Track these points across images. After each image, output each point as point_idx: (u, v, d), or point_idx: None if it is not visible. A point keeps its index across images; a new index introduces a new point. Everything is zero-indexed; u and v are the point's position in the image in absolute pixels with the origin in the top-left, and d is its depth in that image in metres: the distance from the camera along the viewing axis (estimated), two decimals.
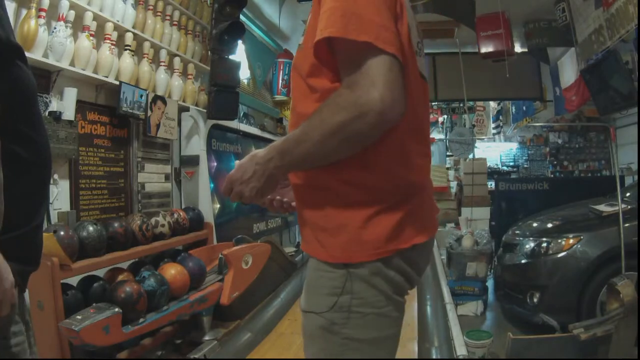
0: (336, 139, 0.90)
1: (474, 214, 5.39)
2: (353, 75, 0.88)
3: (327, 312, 0.98)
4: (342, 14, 0.88)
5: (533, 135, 11.75)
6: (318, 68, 0.97)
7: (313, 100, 0.98)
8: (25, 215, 0.90)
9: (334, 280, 0.99)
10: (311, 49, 0.94)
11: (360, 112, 0.86)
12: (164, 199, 3.55)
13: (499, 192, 5.07)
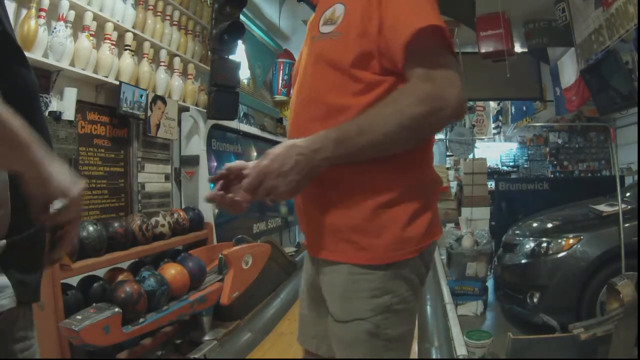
0: (411, 129, 0.89)
1: (474, 214, 5.39)
2: (432, 71, 0.89)
3: (372, 317, 0.96)
4: (433, 8, 0.93)
5: (533, 135, 11.75)
6: (366, 59, 0.94)
7: (353, 91, 0.96)
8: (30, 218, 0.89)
9: (372, 282, 0.96)
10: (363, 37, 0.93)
11: (441, 106, 0.88)
12: (164, 199, 3.55)
13: (499, 192, 5.08)
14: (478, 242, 4.19)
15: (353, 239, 0.97)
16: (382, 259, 0.96)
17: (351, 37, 0.95)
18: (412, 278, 1.00)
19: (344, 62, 0.96)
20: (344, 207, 0.98)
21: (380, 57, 0.94)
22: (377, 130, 0.89)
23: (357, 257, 0.97)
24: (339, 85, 0.97)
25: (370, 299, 0.96)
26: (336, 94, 0.97)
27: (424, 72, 0.90)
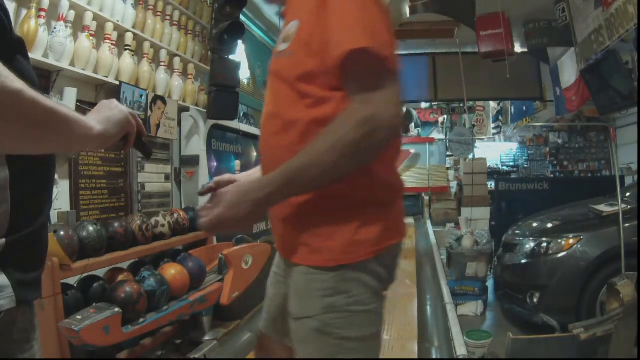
0: (351, 156, 0.92)
1: (474, 214, 5.39)
2: (367, 93, 0.91)
3: (320, 315, 1.00)
4: (366, 27, 0.91)
5: (533, 135, 11.75)
6: (312, 75, 0.98)
7: (304, 105, 1.00)
8: (32, 215, 0.88)
9: (326, 282, 1.01)
10: (309, 55, 0.97)
11: (375, 127, 0.90)
12: (164, 199, 3.55)
13: (499, 192, 5.07)
14: (478, 242, 4.19)
15: (308, 242, 1.02)
16: (334, 261, 1.00)
17: (301, 54, 0.99)
18: (369, 281, 1.03)
19: (292, 77, 1.00)
20: (300, 213, 1.03)
21: (326, 74, 0.96)
22: (319, 164, 0.92)
23: (311, 259, 1.02)
24: (291, 100, 1.01)
25: (321, 298, 1.01)
26: (289, 109, 1.02)
27: (360, 95, 0.91)
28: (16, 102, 0.67)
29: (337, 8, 0.93)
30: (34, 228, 0.87)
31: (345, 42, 0.90)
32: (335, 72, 0.95)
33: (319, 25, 0.95)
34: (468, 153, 7.06)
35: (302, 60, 0.98)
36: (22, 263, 0.85)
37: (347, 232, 1.01)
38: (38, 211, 0.90)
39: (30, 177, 0.86)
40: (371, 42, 0.90)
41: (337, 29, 0.92)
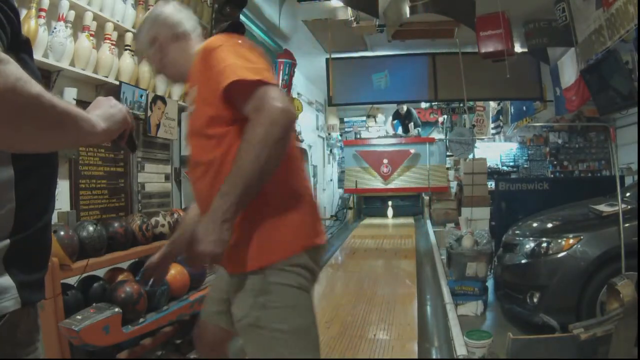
0: (265, 155, 1.13)
1: (474, 214, 5.39)
2: (257, 102, 1.16)
3: (252, 312, 1.24)
4: (241, 66, 1.20)
5: (533, 135, 11.75)
6: (212, 119, 1.26)
7: (212, 146, 1.27)
8: (36, 214, 0.88)
9: (252, 284, 1.25)
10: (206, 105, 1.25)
11: (273, 119, 1.13)
12: (164, 199, 3.55)
13: (499, 192, 5.07)
14: (478, 242, 4.19)
15: (234, 253, 1.25)
16: (252, 266, 1.24)
17: (201, 107, 1.29)
18: (289, 282, 1.25)
19: (201, 128, 1.29)
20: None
21: (222, 112, 1.24)
22: (246, 172, 1.14)
23: (237, 267, 1.28)
24: (204, 147, 1.29)
25: (250, 298, 1.25)
26: (206, 154, 1.29)
27: (252, 106, 1.16)
28: (36, 106, 0.70)
29: (215, 63, 1.23)
30: (38, 228, 0.87)
31: (224, 79, 1.18)
32: (226, 109, 1.23)
33: (207, 81, 1.24)
34: (468, 153, 7.06)
35: (202, 111, 1.28)
36: (26, 263, 0.85)
37: (260, 240, 1.25)
38: (42, 211, 0.90)
39: (34, 177, 0.86)
40: (241, 73, 1.17)
41: (218, 73, 1.21)
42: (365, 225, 9.00)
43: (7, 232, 0.80)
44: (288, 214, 1.27)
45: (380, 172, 9.00)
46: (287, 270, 1.25)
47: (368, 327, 3.32)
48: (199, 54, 1.31)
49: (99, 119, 0.89)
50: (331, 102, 7.21)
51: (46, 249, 0.93)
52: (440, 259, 5.16)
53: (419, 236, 7.36)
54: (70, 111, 0.79)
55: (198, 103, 1.30)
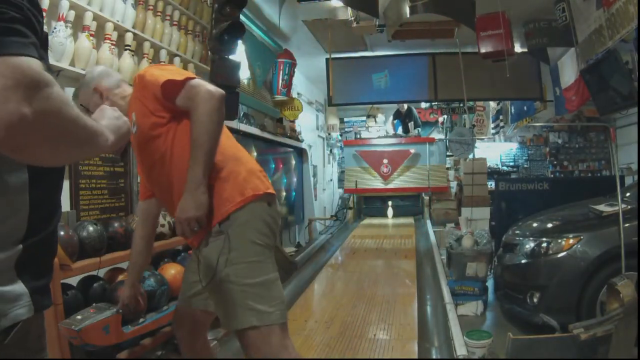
0: (212, 118, 1.45)
1: (474, 214, 5.39)
2: (189, 92, 1.48)
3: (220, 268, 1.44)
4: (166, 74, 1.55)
5: (533, 135, 11.75)
6: (155, 123, 1.57)
7: (160, 143, 1.57)
8: (46, 218, 0.87)
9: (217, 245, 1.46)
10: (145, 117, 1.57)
11: (207, 97, 1.45)
12: None
13: (499, 192, 5.07)
14: (478, 242, 4.19)
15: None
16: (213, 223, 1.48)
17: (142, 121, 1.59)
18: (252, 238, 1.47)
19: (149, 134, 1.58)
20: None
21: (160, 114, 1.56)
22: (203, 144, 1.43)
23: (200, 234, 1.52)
24: (152, 148, 1.60)
25: (217, 257, 1.44)
26: (155, 152, 1.59)
27: (185, 97, 1.49)
28: (74, 127, 0.75)
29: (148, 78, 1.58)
30: (48, 232, 0.87)
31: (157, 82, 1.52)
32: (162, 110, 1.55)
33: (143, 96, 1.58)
34: (468, 153, 7.06)
35: (144, 123, 1.58)
36: (36, 269, 0.84)
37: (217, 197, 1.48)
38: (52, 215, 0.89)
39: (45, 181, 0.85)
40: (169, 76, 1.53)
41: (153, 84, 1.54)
42: (365, 225, 9.00)
43: (20, 237, 0.79)
44: (232, 174, 1.53)
45: (380, 172, 9.00)
46: (246, 226, 1.47)
47: (368, 327, 3.31)
48: (134, 84, 1.65)
49: (109, 131, 0.91)
50: (331, 102, 7.21)
51: (53, 252, 0.93)
52: (440, 259, 5.16)
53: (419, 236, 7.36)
54: (95, 129, 0.83)
55: (139, 119, 1.59)
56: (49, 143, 0.72)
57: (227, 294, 1.44)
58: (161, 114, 1.55)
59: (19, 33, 0.69)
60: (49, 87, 0.68)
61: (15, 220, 0.78)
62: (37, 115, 0.66)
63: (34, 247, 0.82)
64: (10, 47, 0.66)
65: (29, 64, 0.67)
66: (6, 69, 0.65)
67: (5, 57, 0.65)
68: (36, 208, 0.81)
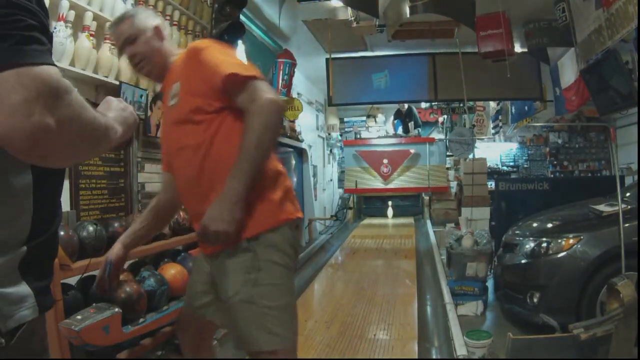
0: (267, 135, 1.34)
1: (474, 214, 5.39)
2: (252, 95, 1.36)
3: (243, 288, 1.35)
4: (233, 63, 1.41)
5: (533, 135, 11.75)
6: (201, 107, 1.42)
7: (200, 131, 1.43)
8: (49, 220, 0.87)
9: (243, 262, 1.37)
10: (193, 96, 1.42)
11: (268, 108, 1.34)
12: None
13: (499, 192, 5.07)
14: (478, 242, 4.19)
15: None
16: (239, 239, 1.36)
17: (186, 99, 1.45)
18: (277, 260, 1.39)
19: (188, 116, 1.44)
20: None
21: (210, 102, 1.41)
22: (252, 155, 1.32)
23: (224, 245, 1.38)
24: (192, 132, 1.44)
25: (241, 275, 1.36)
26: (195, 138, 1.43)
27: (246, 99, 1.36)
28: (92, 128, 0.77)
29: (209, 58, 1.42)
30: (51, 233, 0.87)
31: (222, 71, 1.37)
32: (215, 99, 1.41)
33: (197, 75, 1.42)
34: (468, 153, 7.05)
35: (189, 102, 1.43)
36: (39, 270, 0.84)
37: (250, 213, 1.37)
38: (54, 216, 0.89)
39: (48, 182, 0.85)
40: (234, 69, 1.37)
41: (214, 68, 1.39)
42: (365, 225, 9.00)
43: (24, 238, 0.79)
44: (269, 191, 1.43)
45: (380, 172, 9.00)
46: (275, 248, 1.39)
47: (368, 327, 3.32)
48: (188, 53, 1.49)
49: (117, 123, 0.92)
50: (331, 102, 7.21)
51: (55, 253, 0.93)
52: (440, 259, 5.16)
53: (419, 236, 7.36)
54: (106, 125, 0.84)
55: (184, 95, 1.45)
56: (70, 147, 0.73)
57: (246, 314, 1.36)
58: (211, 101, 1.41)
59: (37, 41, 0.69)
60: (69, 93, 0.69)
61: (19, 222, 0.78)
62: (59, 124, 0.67)
63: (37, 248, 0.82)
64: (30, 57, 0.66)
65: (48, 72, 0.67)
66: (27, 80, 0.65)
67: (26, 67, 0.65)
68: (39, 210, 0.81)
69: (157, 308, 2.36)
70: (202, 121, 1.42)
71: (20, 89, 0.64)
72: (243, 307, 1.35)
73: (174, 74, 1.51)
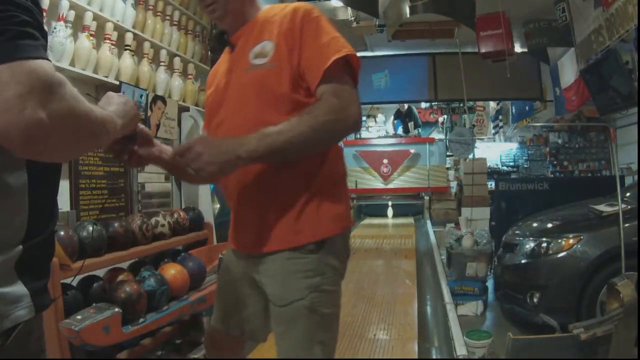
0: (320, 132, 1.13)
1: (474, 214, 5.39)
2: (339, 90, 1.16)
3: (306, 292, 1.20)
4: (342, 43, 1.20)
5: (533, 135, 11.75)
6: (296, 84, 1.20)
7: (286, 111, 1.18)
8: (46, 219, 0.87)
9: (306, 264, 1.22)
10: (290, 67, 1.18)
11: (345, 117, 1.16)
12: (164, 199, 3.55)
13: (499, 192, 5.07)
14: (478, 242, 4.18)
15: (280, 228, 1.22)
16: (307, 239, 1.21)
17: (283, 67, 1.19)
18: (338, 267, 1.28)
19: (282, 87, 1.19)
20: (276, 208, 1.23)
21: (302, 82, 1.20)
22: (293, 131, 1.10)
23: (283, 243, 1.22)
24: (274, 106, 1.19)
25: (304, 279, 1.21)
26: (272, 114, 1.18)
27: (333, 90, 1.16)
28: (88, 122, 0.75)
29: (316, 32, 1.20)
30: (48, 233, 0.87)
31: (332, 54, 1.17)
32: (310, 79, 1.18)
33: (298, 44, 1.19)
34: (468, 153, 7.06)
35: (286, 71, 1.19)
36: (36, 269, 0.84)
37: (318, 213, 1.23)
38: (51, 215, 0.89)
39: (44, 181, 0.85)
40: (347, 52, 1.19)
41: (323, 45, 1.18)
42: (365, 225, 9.00)
43: (20, 238, 0.79)
44: (339, 195, 1.29)
45: (380, 172, 9.00)
46: (337, 254, 1.28)
47: (368, 327, 3.31)
48: (295, 14, 1.23)
49: (117, 117, 0.93)
50: None
51: (52, 253, 0.93)
52: (440, 259, 5.16)
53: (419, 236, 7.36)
54: (104, 118, 0.83)
55: (277, 59, 1.20)
56: (66, 141, 0.73)
57: (306, 321, 1.22)
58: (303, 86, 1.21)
59: (31, 36, 0.69)
60: (62, 87, 0.69)
61: (15, 222, 0.78)
62: (53, 118, 0.67)
63: (34, 248, 0.82)
64: (23, 51, 0.66)
65: (42, 66, 0.68)
66: (21, 74, 0.65)
67: (19, 61, 0.65)
68: (36, 209, 0.81)
69: (157, 308, 2.36)
70: (292, 102, 1.19)
71: (13, 84, 0.64)
72: (304, 313, 1.22)
73: (272, 32, 1.24)
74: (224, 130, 1.27)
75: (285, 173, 1.21)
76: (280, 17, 1.25)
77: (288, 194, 1.22)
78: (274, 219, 1.23)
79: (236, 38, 1.32)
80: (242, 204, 1.31)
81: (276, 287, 1.25)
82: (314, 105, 1.15)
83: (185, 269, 2.64)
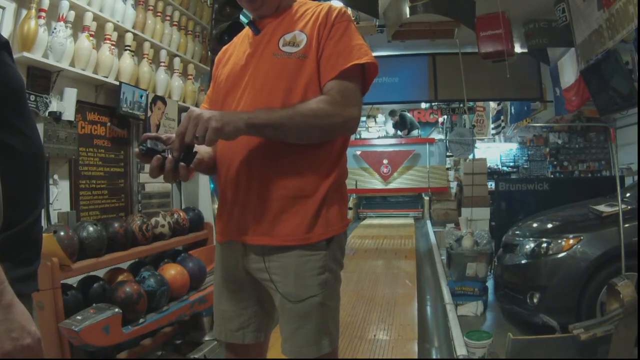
0: (315, 118, 1.18)
1: (474, 214, 5.39)
2: (347, 90, 1.22)
3: (319, 289, 1.24)
4: (366, 52, 1.25)
5: (533, 136, 11.76)
6: (315, 80, 1.24)
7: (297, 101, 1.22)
8: (25, 211, 0.89)
9: (316, 260, 1.24)
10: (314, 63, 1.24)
11: (344, 115, 1.21)
12: (164, 199, 3.55)
13: (499, 192, 5.07)
14: (478, 242, 4.18)
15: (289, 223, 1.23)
16: (319, 236, 1.24)
17: (312, 59, 1.25)
18: (341, 261, 1.33)
19: (308, 78, 1.24)
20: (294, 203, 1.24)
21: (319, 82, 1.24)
22: (293, 110, 1.16)
23: (306, 239, 1.23)
24: (299, 94, 1.23)
25: (316, 276, 1.24)
26: (296, 102, 1.21)
27: (342, 88, 1.22)
28: None
29: (344, 32, 1.26)
30: (28, 223, 0.89)
31: (353, 58, 1.23)
32: (324, 76, 1.23)
33: (322, 38, 1.25)
34: (468, 153, 7.05)
35: (312, 64, 1.24)
36: (17, 258, 0.87)
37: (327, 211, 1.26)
38: (31, 206, 0.92)
39: (19, 175, 0.88)
40: (368, 60, 1.24)
41: (346, 47, 1.24)
42: (365, 225, 9.00)
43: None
44: (344, 195, 1.33)
45: (380, 173, 9.00)
46: (340, 249, 1.32)
47: (368, 328, 3.31)
48: (330, 11, 1.29)
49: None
50: None
51: (37, 242, 0.96)
52: (440, 259, 5.16)
53: (419, 236, 7.36)
54: None
55: (308, 51, 1.25)
56: None
57: (319, 316, 1.25)
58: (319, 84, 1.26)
59: None
60: None
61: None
62: None
63: (13, 238, 0.85)
64: None
65: None
66: None
67: None
68: (12, 201, 0.83)
69: (157, 308, 2.36)
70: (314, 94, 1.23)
71: None
72: (317, 309, 1.24)
73: (297, 20, 1.30)
74: (243, 109, 1.26)
75: (304, 168, 1.24)
76: (316, 12, 1.30)
77: (306, 189, 1.24)
78: (292, 214, 1.23)
79: (265, 23, 1.33)
80: (253, 192, 1.25)
81: (290, 285, 1.25)
82: (322, 98, 1.20)
83: (185, 269, 2.64)
